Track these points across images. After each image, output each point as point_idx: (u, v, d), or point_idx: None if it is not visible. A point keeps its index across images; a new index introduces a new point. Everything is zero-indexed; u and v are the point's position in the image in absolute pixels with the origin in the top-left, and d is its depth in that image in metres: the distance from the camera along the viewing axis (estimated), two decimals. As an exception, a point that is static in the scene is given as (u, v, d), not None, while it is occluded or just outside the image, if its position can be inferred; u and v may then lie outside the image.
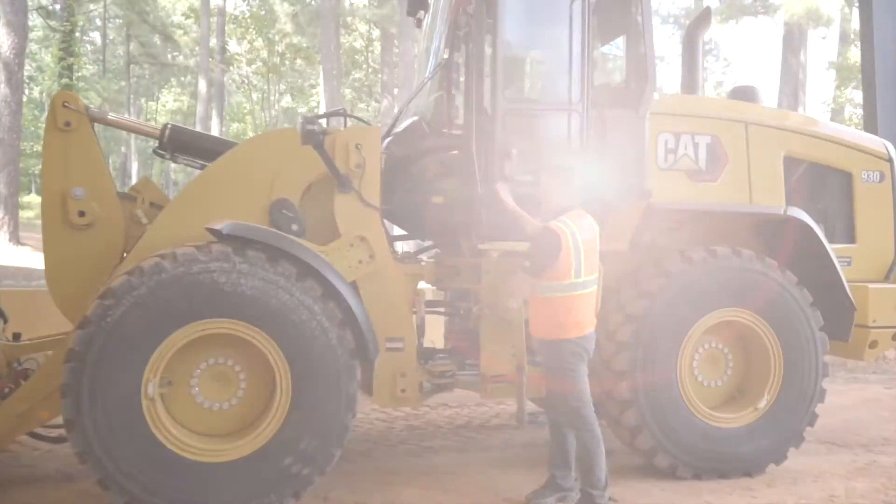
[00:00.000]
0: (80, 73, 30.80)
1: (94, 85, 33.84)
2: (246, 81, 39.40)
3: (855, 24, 25.70)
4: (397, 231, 6.04)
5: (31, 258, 13.74)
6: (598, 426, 4.43)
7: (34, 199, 30.28)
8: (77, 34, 30.98)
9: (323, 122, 4.91)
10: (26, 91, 29.15)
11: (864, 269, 5.87)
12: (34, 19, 33.07)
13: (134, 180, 35.72)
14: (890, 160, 6.06)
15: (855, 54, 25.69)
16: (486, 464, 5.45)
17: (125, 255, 4.79)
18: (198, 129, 18.45)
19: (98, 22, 38.84)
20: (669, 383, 4.95)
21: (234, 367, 4.43)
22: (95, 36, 40.89)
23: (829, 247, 5.24)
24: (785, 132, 5.80)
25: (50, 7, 30.05)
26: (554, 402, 4.50)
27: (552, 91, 5.88)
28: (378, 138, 5.03)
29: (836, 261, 5.25)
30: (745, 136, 5.64)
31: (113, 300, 4.06)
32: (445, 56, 5.17)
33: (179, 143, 5.26)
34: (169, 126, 5.23)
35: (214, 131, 24.58)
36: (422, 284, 5.31)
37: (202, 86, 23.90)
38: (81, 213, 4.77)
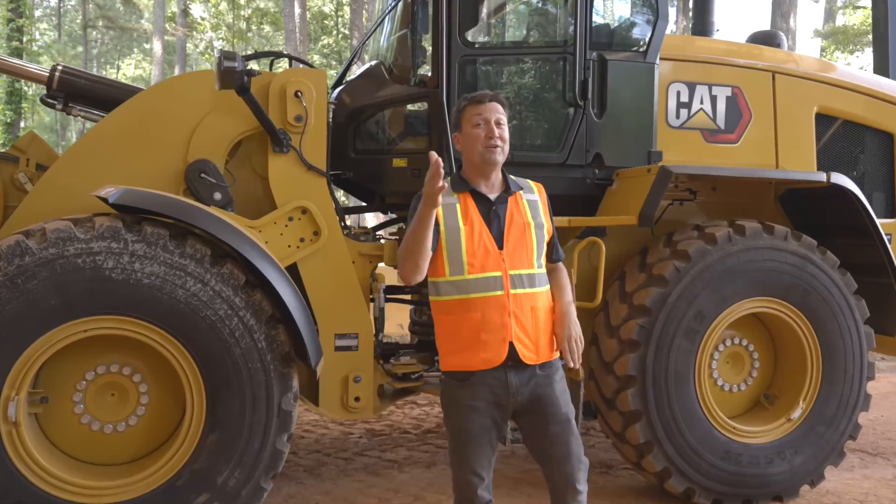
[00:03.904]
0: (32, 37, 29.05)
1: (48, 49, 32.07)
2: (210, 47, 37.77)
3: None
4: (351, 201, 5.08)
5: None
6: None
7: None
8: (33, -5, 29.13)
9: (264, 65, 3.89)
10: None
11: (907, 249, 4.99)
12: (-15, -20, 31.17)
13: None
14: (937, 119, 5.14)
15: (849, 15, 25.00)
16: (458, 483, 4.49)
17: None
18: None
19: (55, -18, 36.88)
20: (685, 390, 4.00)
21: (133, 376, 3.43)
22: (54, -1, 38.87)
23: (878, 223, 4.30)
24: (817, 83, 4.90)
25: (-1, -34, 28.20)
26: (579, 457, 2.78)
27: (542, 31, 4.91)
28: (324, 84, 4.02)
29: (885, 240, 4.32)
30: (771, 88, 4.74)
31: (-44, 293, 3.02)
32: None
33: (73, 89, 4.19)
34: (59, 68, 4.16)
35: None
36: (381, 267, 4.32)
37: (157, 47, 22.44)
38: (-56, 178, 3.76)
